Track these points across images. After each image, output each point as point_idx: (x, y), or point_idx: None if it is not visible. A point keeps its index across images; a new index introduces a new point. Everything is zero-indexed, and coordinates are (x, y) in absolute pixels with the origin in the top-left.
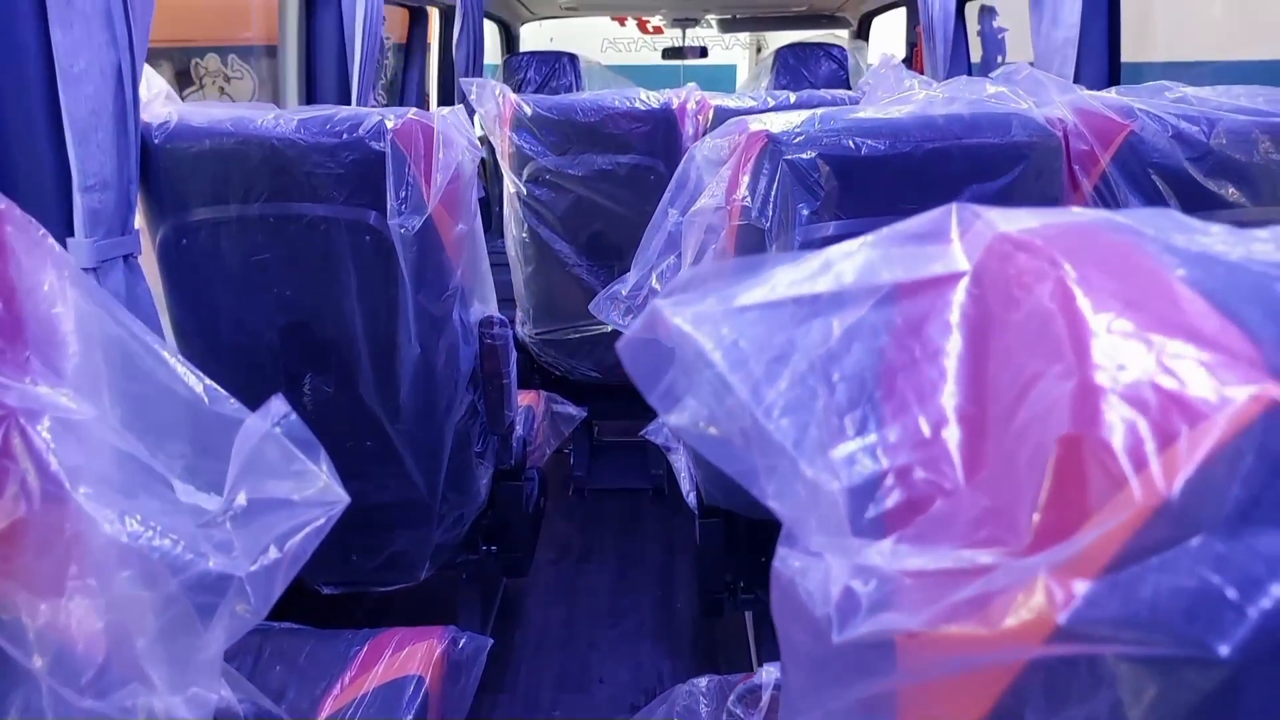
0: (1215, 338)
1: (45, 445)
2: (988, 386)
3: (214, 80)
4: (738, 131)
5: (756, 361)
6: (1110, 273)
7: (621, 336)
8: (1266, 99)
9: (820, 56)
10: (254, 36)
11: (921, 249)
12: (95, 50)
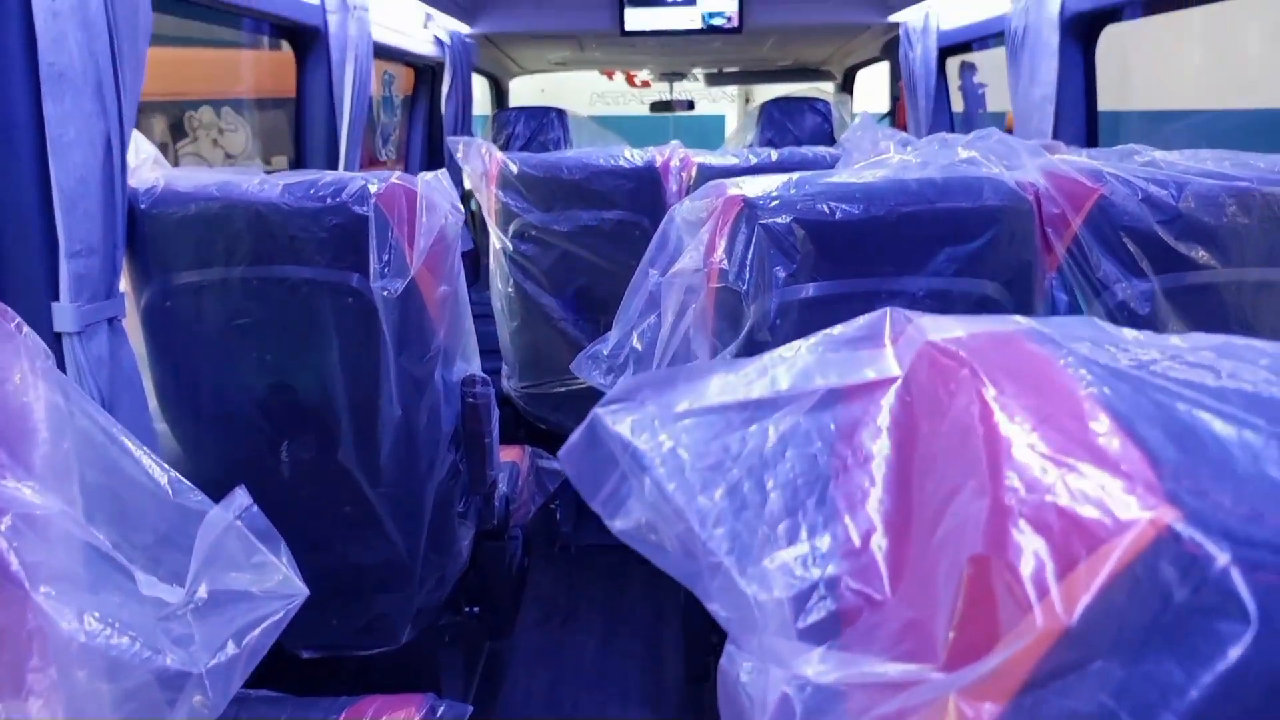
0: (1117, 461)
1: (6, 544)
2: (913, 494)
3: (207, 133)
4: (715, 195)
5: (693, 470)
6: (1027, 387)
7: (564, 444)
8: (1233, 163)
9: (805, 110)
10: (247, 90)
11: (856, 353)
12: (85, 120)
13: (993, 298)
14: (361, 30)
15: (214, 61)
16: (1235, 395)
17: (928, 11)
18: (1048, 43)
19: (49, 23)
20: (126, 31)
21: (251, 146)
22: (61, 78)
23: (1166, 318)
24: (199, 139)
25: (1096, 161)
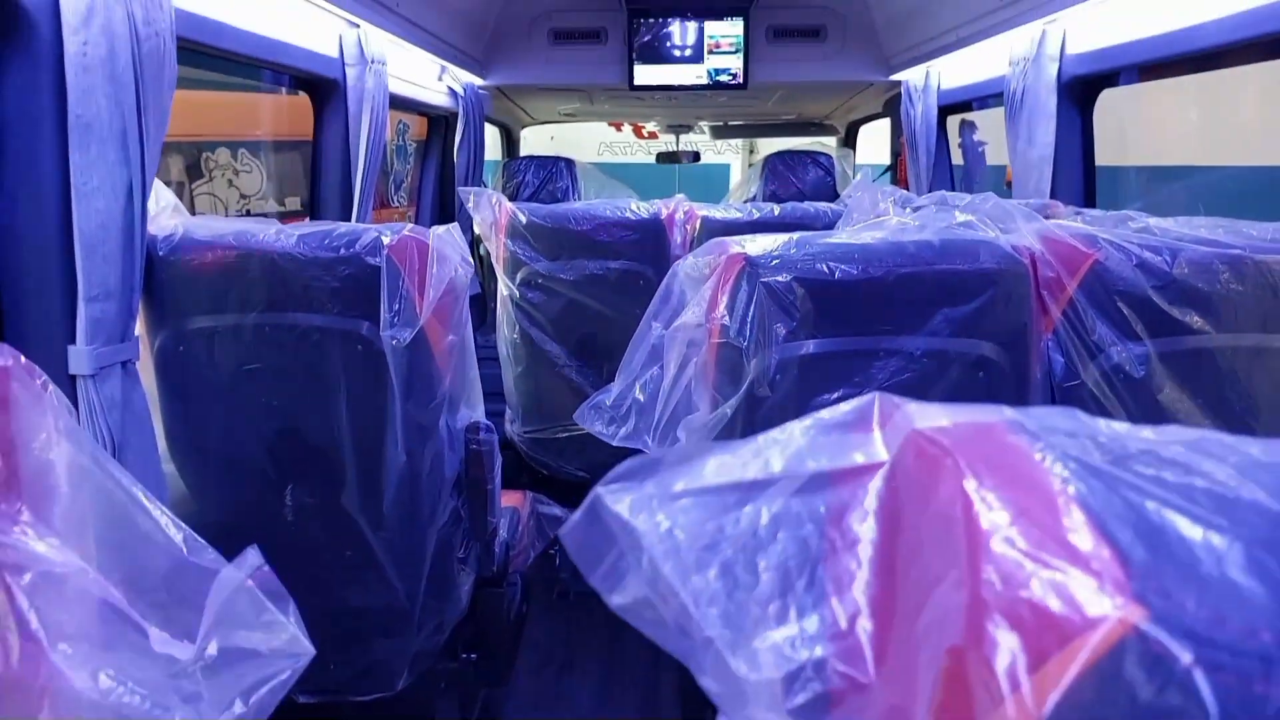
0: (1089, 559)
1: (27, 602)
2: (898, 579)
3: (223, 173)
4: (718, 252)
5: (688, 550)
6: (1006, 480)
7: (565, 523)
8: (1226, 230)
9: (808, 164)
10: (263, 132)
11: (846, 437)
12: (108, 169)
13: (989, 358)
14: (379, 83)
15: (232, 104)
16: (1204, 495)
17: (928, 71)
18: (1045, 105)
19: (79, 76)
20: (152, 84)
21: (266, 187)
22: (88, 128)
23: (1162, 381)
24: (214, 179)
25: (1091, 227)
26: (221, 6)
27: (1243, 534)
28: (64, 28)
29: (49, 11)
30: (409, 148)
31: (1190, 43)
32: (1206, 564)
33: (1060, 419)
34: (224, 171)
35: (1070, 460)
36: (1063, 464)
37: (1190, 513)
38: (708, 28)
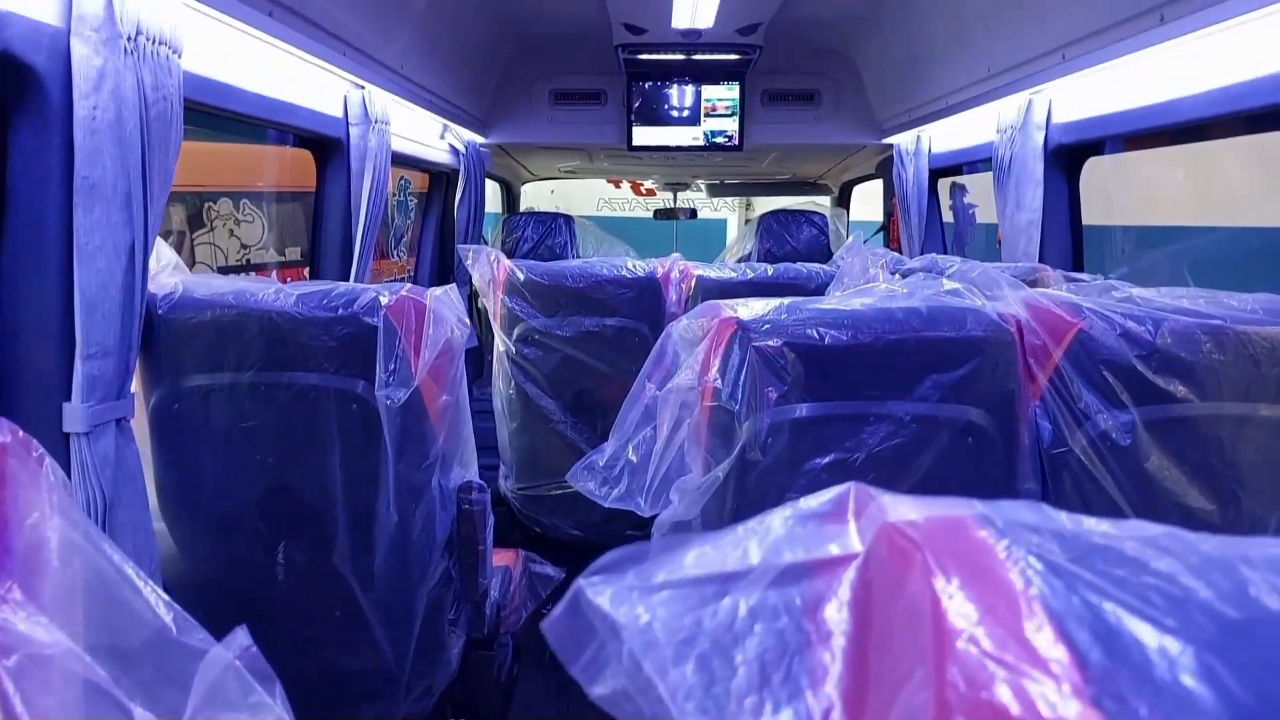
0: (1049, 662)
1: (12, 685)
2: (870, 672)
3: (225, 223)
4: (711, 315)
5: (666, 643)
6: (972, 578)
7: (547, 616)
8: (1207, 301)
9: (802, 223)
10: (266, 183)
11: (822, 528)
12: (111, 229)
13: (978, 424)
14: (381, 142)
15: (235, 155)
16: (1159, 595)
17: (919, 135)
18: (1033, 172)
19: (87, 139)
20: (158, 146)
21: (267, 237)
22: (94, 189)
23: (1148, 449)
24: (216, 229)
25: (1075, 296)
26: (228, 68)
27: (1195, 637)
28: (75, 92)
29: (61, 77)
30: (410, 203)
31: (1172, 116)
32: (1160, 668)
33: (1027, 513)
34: (225, 221)
35: (1034, 558)
36: (1026, 561)
37: (1145, 614)
38: (704, 91)
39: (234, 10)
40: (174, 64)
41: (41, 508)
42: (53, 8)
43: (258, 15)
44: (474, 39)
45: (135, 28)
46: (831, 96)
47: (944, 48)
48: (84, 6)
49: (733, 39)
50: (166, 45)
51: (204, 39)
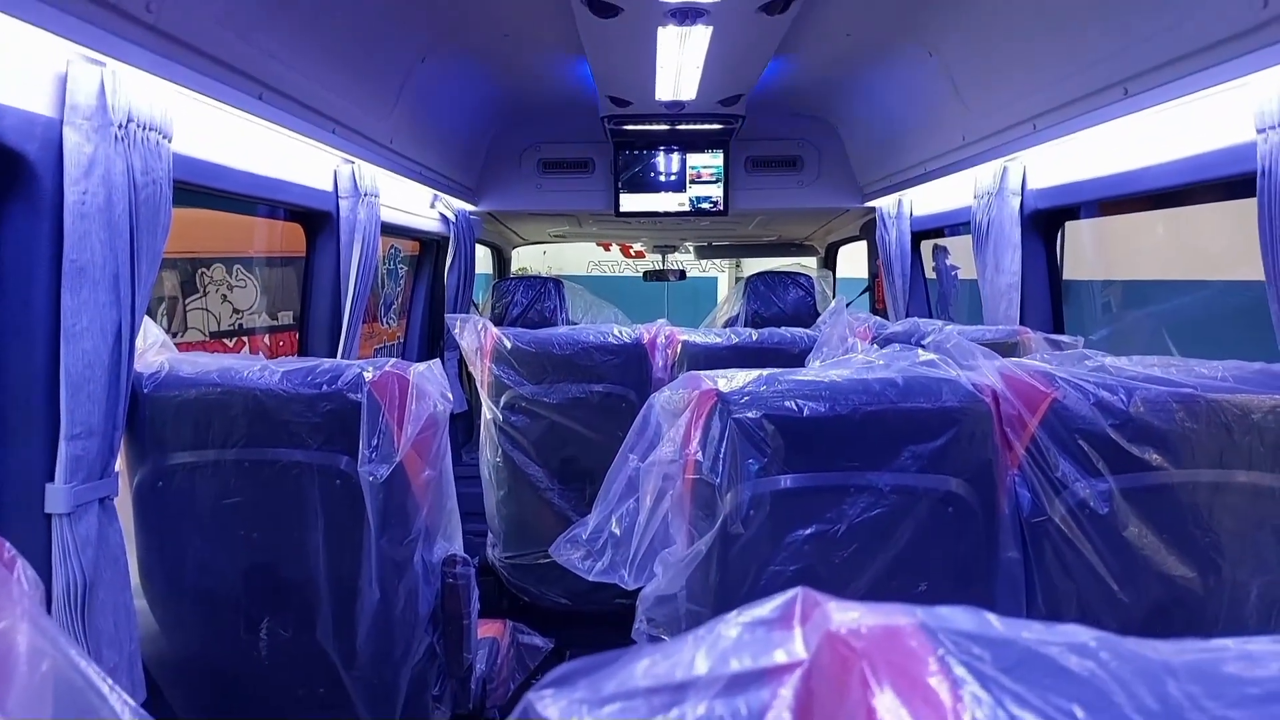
0: None
1: None
2: None
3: (218, 288)
4: (692, 387)
5: None
6: (907, 691)
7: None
8: (1178, 369)
9: (789, 285)
10: (259, 249)
11: (769, 635)
12: (99, 310)
13: (957, 494)
14: (370, 214)
15: (228, 222)
16: (1086, 711)
17: (900, 199)
18: (1010, 236)
19: (76, 223)
20: (147, 229)
21: (259, 302)
22: (81, 272)
23: (1126, 518)
24: (209, 294)
25: (1048, 365)
26: (218, 148)
27: None
28: (65, 178)
29: (52, 165)
30: (400, 270)
31: (1141, 184)
32: None
33: (966, 619)
34: (218, 287)
35: (967, 670)
36: (959, 674)
37: None
38: (690, 159)
39: (225, 95)
40: (164, 148)
41: (13, 613)
42: (47, 98)
43: (248, 99)
44: (464, 112)
45: (127, 115)
46: (814, 162)
47: (920, 117)
48: (77, 96)
49: (716, 109)
50: (157, 131)
51: (194, 121)
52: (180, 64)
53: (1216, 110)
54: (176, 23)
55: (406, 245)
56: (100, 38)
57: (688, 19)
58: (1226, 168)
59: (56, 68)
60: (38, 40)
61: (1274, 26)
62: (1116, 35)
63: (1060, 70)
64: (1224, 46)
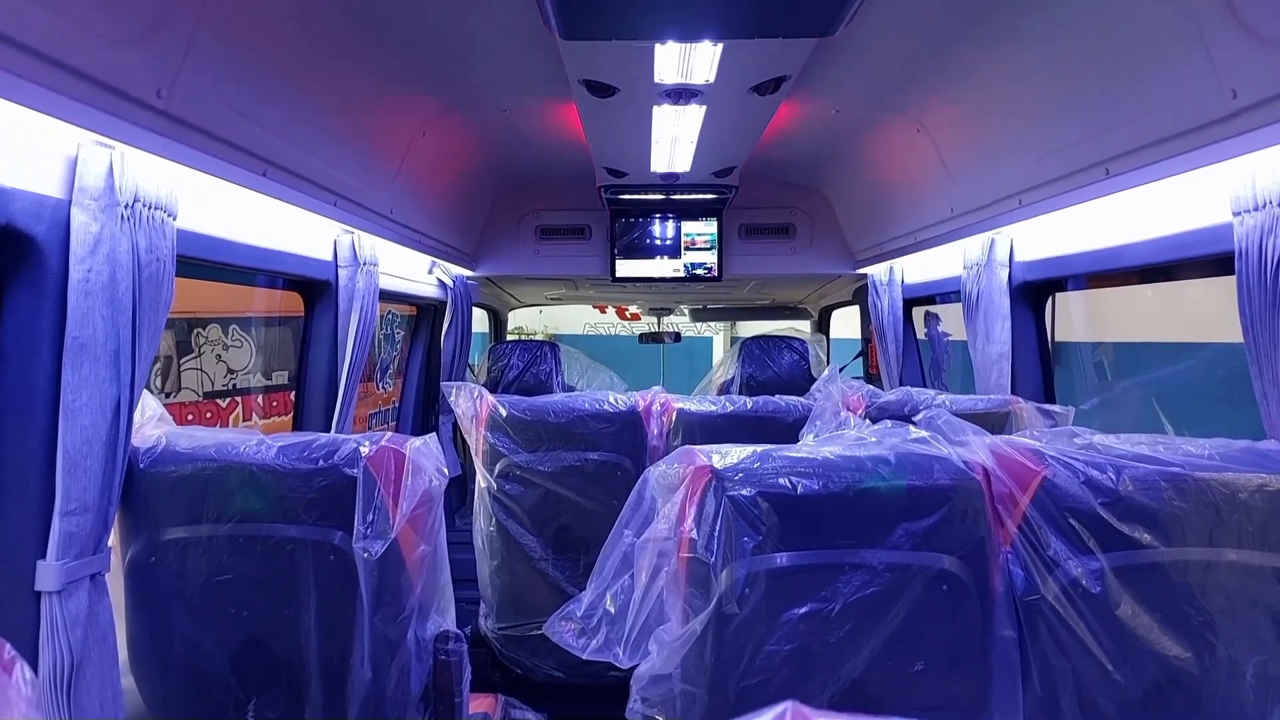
0: None
1: None
2: None
3: (213, 348)
4: (686, 463)
5: None
6: None
7: None
8: (1166, 447)
9: (783, 349)
10: (257, 308)
11: None
12: (99, 386)
13: (951, 572)
14: (369, 282)
15: (227, 283)
16: None
17: (891, 267)
18: (999, 306)
19: (80, 300)
20: (149, 305)
21: (255, 362)
22: (83, 349)
23: (1118, 596)
24: (204, 354)
25: (1038, 442)
26: (220, 222)
27: None
28: (71, 257)
29: (59, 244)
30: (397, 335)
31: (1123, 260)
32: None
33: None
34: (214, 347)
35: None
36: None
37: None
38: (684, 226)
39: (230, 174)
40: (169, 226)
41: (9, 716)
42: (57, 180)
43: (253, 176)
44: (464, 181)
45: (134, 195)
46: (806, 229)
47: (910, 188)
48: (86, 178)
49: (709, 180)
50: (163, 209)
51: (198, 195)
52: (188, 145)
53: (1197, 191)
54: (185, 106)
55: (403, 307)
56: (111, 124)
57: (682, 99)
58: (1207, 247)
59: (68, 151)
60: (50, 125)
61: (1244, 117)
62: (1097, 117)
63: (1043, 148)
64: (1198, 133)
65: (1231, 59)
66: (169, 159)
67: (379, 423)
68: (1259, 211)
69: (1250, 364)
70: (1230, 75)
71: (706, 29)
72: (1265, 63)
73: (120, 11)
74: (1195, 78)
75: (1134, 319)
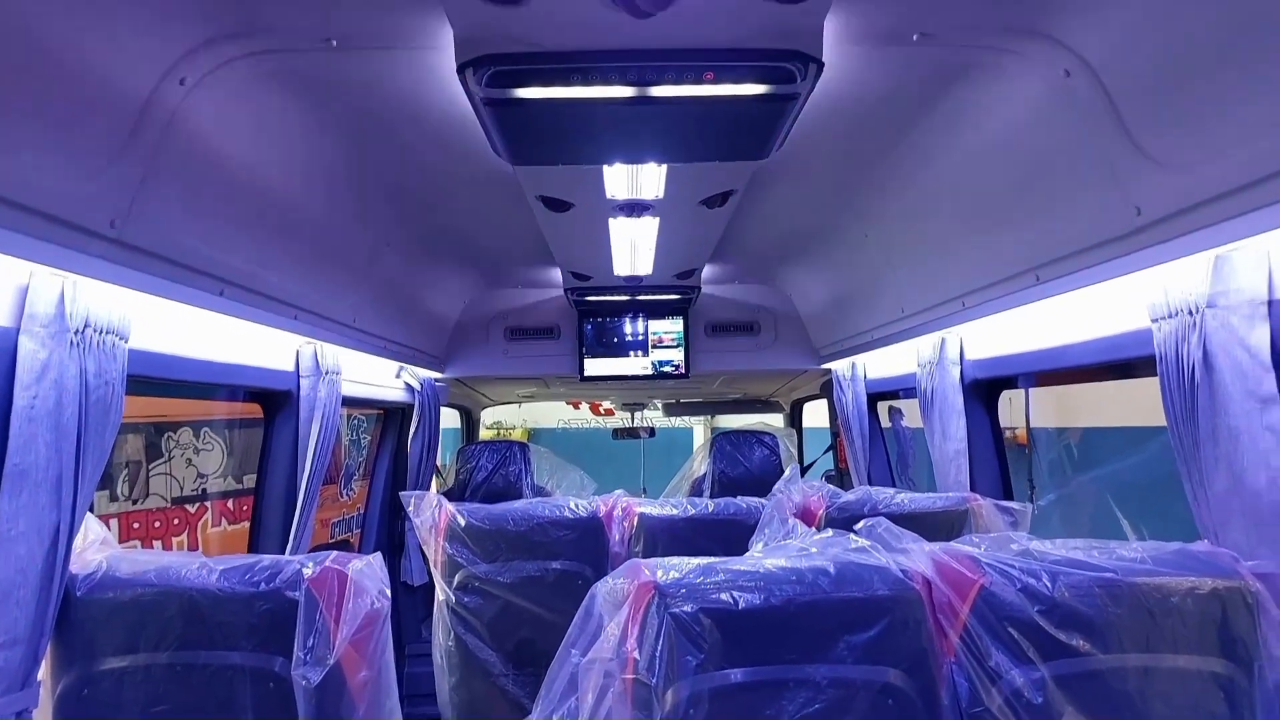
0: None
1: None
2: None
3: (184, 452)
4: (632, 577)
5: None
6: None
7: None
8: (1100, 552)
9: (754, 444)
10: (229, 410)
11: None
12: (38, 513)
13: (895, 685)
14: (331, 391)
15: None
16: None
17: (854, 362)
18: (954, 403)
19: (23, 426)
20: (95, 429)
21: (226, 464)
22: (24, 476)
23: (1061, 706)
24: (174, 458)
25: (975, 549)
26: (176, 340)
27: None
28: (16, 383)
29: (4, 371)
30: (363, 440)
31: (1060, 361)
32: None
33: None
34: (185, 450)
35: None
36: None
37: None
38: (651, 325)
39: (185, 296)
40: (119, 349)
41: None
42: (5, 308)
43: (208, 296)
44: (432, 287)
45: (84, 321)
46: (770, 326)
47: (863, 288)
48: (36, 306)
49: (672, 282)
50: (114, 334)
51: (152, 314)
52: (142, 271)
53: (1125, 297)
54: (139, 234)
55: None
56: (63, 255)
57: (635, 212)
58: (1136, 350)
59: (18, 280)
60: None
61: (1149, 232)
62: (1025, 227)
63: (980, 255)
64: (1110, 246)
65: (1134, 180)
66: (122, 285)
67: (341, 531)
68: (1173, 319)
69: (1179, 465)
70: (1134, 195)
71: (649, 154)
72: (1163, 184)
73: (76, 150)
74: (1105, 196)
75: (1107, 404)
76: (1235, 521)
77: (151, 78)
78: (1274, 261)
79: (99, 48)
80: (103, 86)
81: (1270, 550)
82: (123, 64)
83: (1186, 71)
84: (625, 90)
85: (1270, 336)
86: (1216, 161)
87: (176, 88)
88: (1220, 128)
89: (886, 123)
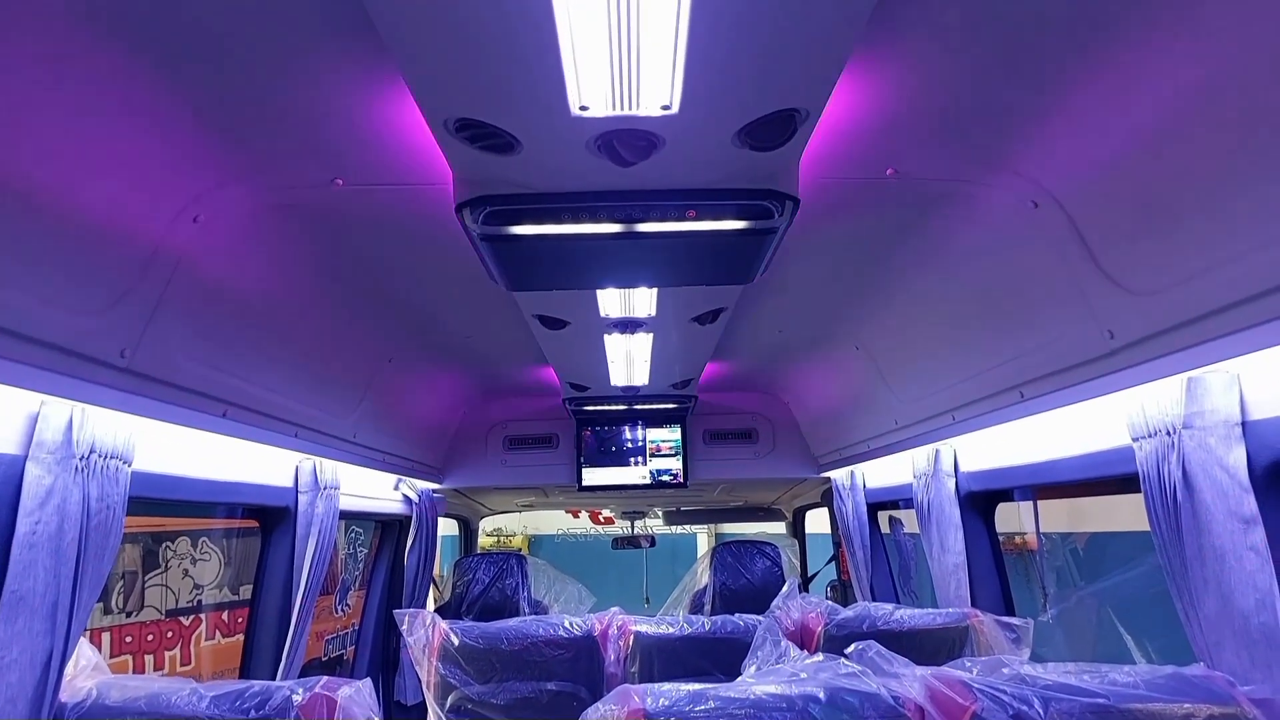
0: None
1: None
2: None
3: (181, 562)
4: (622, 704)
5: None
6: None
7: None
8: (1092, 676)
9: (755, 554)
10: (228, 521)
11: None
12: (32, 639)
13: None
14: (329, 506)
15: None
16: None
17: (853, 471)
18: (950, 515)
19: (24, 553)
20: (94, 553)
21: (223, 574)
22: (21, 602)
23: None
24: (170, 569)
25: (968, 674)
26: (177, 460)
27: None
28: (20, 509)
29: (9, 498)
30: (360, 553)
31: (1053, 475)
32: None
33: None
34: (182, 560)
35: None
36: None
37: None
38: (649, 434)
39: (190, 419)
40: (123, 474)
41: None
42: (14, 437)
43: (212, 419)
44: (430, 401)
45: (90, 447)
46: (768, 434)
47: (857, 400)
48: (45, 434)
49: (669, 391)
50: (118, 458)
51: (155, 437)
52: (149, 397)
53: (1108, 415)
54: (148, 363)
55: None
56: (73, 386)
57: (628, 329)
58: (1121, 466)
59: (29, 408)
60: (11, 387)
61: (1122, 354)
62: (1007, 346)
63: (968, 371)
64: (1087, 367)
65: (1105, 305)
66: (130, 412)
67: (335, 648)
68: (1153, 439)
69: (1169, 584)
70: (1105, 319)
71: (639, 280)
72: (1133, 309)
73: (89, 286)
74: (1078, 319)
75: (1121, 507)
76: (1228, 643)
77: (166, 217)
78: (1244, 384)
79: (119, 191)
80: (122, 226)
81: (1264, 674)
82: (140, 205)
83: (1150, 204)
84: (613, 226)
85: (1247, 457)
86: (1184, 289)
87: (189, 225)
88: (1186, 257)
89: (866, 246)
